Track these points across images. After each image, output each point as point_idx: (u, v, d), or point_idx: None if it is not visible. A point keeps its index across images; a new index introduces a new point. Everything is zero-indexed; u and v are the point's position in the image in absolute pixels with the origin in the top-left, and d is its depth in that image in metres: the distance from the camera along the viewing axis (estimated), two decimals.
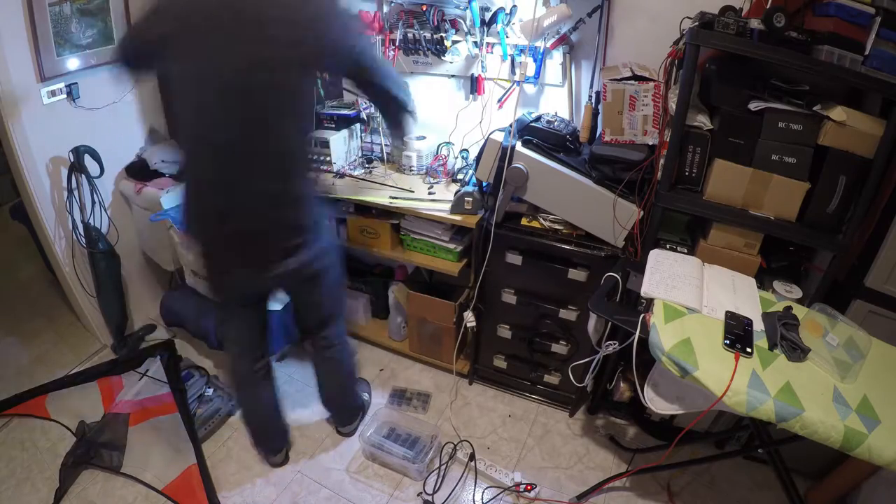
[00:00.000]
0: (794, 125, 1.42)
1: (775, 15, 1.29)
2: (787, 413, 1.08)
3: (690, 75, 1.41)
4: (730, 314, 1.29)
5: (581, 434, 2.01)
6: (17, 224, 2.35)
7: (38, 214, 2.03)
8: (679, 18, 1.55)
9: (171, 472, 1.76)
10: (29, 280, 2.77)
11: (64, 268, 2.16)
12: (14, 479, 1.75)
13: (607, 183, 1.66)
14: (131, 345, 2.30)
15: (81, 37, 1.96)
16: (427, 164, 2.08)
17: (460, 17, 1.90)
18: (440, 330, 2.16)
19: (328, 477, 1.81)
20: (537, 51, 1.85)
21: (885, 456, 1.02)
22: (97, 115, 2.06)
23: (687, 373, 1.16)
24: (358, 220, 2.07)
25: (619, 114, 1.60)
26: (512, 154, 1.69)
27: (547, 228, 1.80)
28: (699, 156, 1.54)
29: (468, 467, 1.83)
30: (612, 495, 1.76)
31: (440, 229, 1.97)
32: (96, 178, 2.04)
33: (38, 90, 1.88)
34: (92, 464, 1.79)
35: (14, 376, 2.16)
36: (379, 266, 2.54)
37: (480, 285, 1.95)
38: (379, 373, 2.30)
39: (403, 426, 1.94)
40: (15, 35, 1.77)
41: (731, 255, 1.60)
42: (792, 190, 1.48)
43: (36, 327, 2.46)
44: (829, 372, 1.18)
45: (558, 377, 2.05)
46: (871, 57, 1.29)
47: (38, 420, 1.95)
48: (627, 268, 1.59)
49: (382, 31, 1.97)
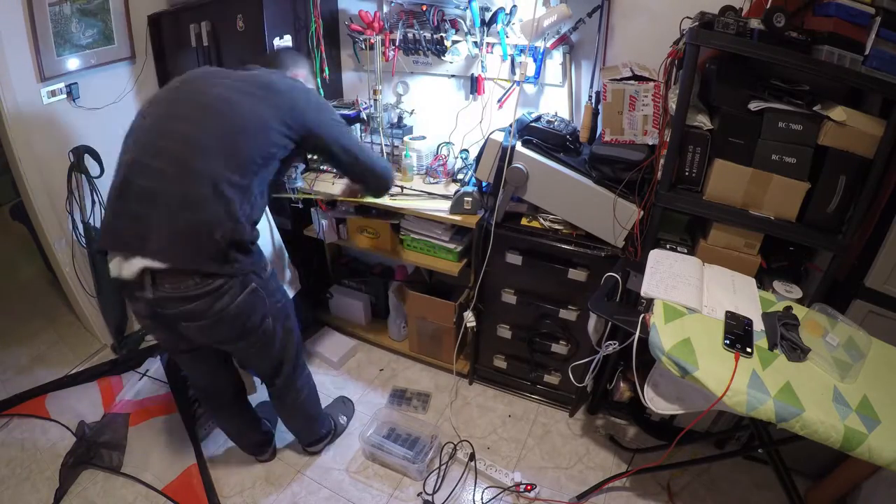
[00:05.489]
0: (794, 125, 1.42)
1: (775, 15, 1.29)
2: (787, 413, 1.08)
3: (690, 75, 1.41)
4: (730, 314, 1.29)
5: (581, 434, 2.01)
6: (17, 224, 2.36)
7: (38, 214, 2.03)
8: (679, 18, 1.54)
9: (171, 472, 1.76)
10: (29, 280, 2.77)
11: (64, 268, 2.16)
12: (14, 479, 1.75)
13: (607, 183, 1.66)
14: (131, 345, 2.30)
15: (81, 37, 1.96)
16: (427, 164, 2.08)
17: (460, 17, 1.90)
18: (440, 330, 2.17)
19: (328, 477, 1.81)
20: (537, 51, 1.85)
21: (885, 456, 1.02)
22: (97, 115, 2.07)
23: (687, 373, 1.16)
24: (358, 220, 2.07)
25: (619, 114, 1.60)
26: (512, 154, 1.69)
27: (547, 228, 1.80)
28: (699, 156, 1.54)
29: (468, 467, 1.83)
30: (612, 495, 1.76)
31: (440, 229, 1.97)
32: (96, 178, 2.04)
33: (38, 90, 1.88)
34: (92, 464, 1.78)
35: (14, 376, 2.16)
36: (379, 266, 2.54)
37: (480, 285, 1.95)
38: (379, 373, 2.30)
39: (403, 426, 1.93)
40: (15, 35, 1.77)
41: (731, 255, 1.60)
42: (792, 190, 1.48)
43: (36, 327, 2.46)
44: (829, 372, 1.18)
45: (558, 377, 2.05)
46: (871, 57, 1.29)
47: (38, 420, 1.95)
48: (627, 268, 1.59)
49: (382, 30, 1.97)
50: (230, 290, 1.26)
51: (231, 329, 1.33)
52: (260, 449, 1.82)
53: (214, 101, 1.25)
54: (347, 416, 2.02)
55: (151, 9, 2.16)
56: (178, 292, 1.22)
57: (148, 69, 2.23)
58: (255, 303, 1.33)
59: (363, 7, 2.02)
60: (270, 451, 1.85)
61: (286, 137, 1.32)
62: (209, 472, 1.77)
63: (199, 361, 1.52)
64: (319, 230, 2.13)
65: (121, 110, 2.15)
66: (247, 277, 1.29)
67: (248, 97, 1.28)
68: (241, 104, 1.26)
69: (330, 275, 2.56)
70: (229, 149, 1.22)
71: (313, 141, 1.40)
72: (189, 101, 1.27)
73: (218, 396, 1.64)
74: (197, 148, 1.20)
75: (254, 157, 1.26)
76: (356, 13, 1.98)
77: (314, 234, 2.18)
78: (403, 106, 2.15)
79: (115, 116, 2.11)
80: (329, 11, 2.12)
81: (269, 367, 1.55)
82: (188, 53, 2.07)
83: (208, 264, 1.21)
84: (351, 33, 2.01)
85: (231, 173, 1.22)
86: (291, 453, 1.88)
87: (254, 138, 1.26)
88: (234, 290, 1.27)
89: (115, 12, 2.04)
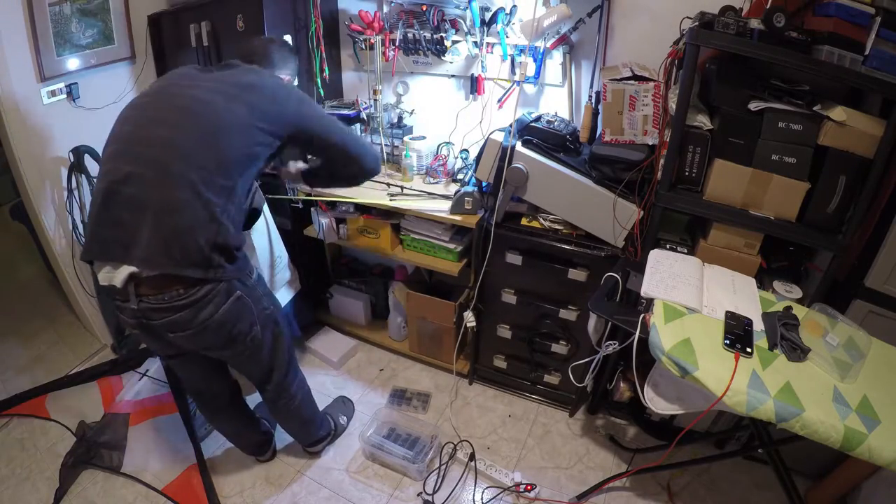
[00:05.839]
0: (794, 125, 1.42)
1: (775, 15, 1.29)
2: (787, 413, 1.08)
3: (690, 75, 1.41)
4: (730, 314, 1.29)
5: (581, 434, 2.01)
6: (17, 224, 2.36)
7: (38, 214, 2.03)
8: (679, 18, 1.54)
9: (171, 472, 1.76)
10: (29, 280, 2.77)
11: (64, 268, 2.16)
12: (14, 479, 1.75)
13: (607, 183, 1.66)
14: (131, 345, 2.30)
15: (81, 37, 1.96)
16: (427, 164, 2.08)
17: (460, 17, 1.90)
18: (440, 330, 2.17)
19: (328, 477, 1.81)
20: (537, 51, 1.85)
21: (885, 456, 1.02)
22: (97, 115, 2.07)
23: (687, 373, 1.16)
24: (358, 220, 2.07)
25: (619, 114, 1.60)
26: (512, 154, 1.69)
27: (547, 228, 1.80)
28: (699, 156, 1.54)
29: (468, 467, 1.83)
30: (612, 495, 1.76)
31: (440, 229, 1.97)
32: (96, 178, 2.04)
33: (38, 90, 1.88)
34: (92, 464, 1.78)
35: (14, 376, 2.16)
36: (379, 266, 2.54)
37: (480, 285, 1.95)
38: (379, 373, 2.30)
39: (403, 426, 1.93)
40: (15, 35, 1.77)
41: (731, 255, 1.60)
42: (792, 190, 1.48)
43: (36, 327, 2.46)
44: (829, 372, 1.18)
45: (558, 377, 2.05)
46: (871, 57, 1.29)
47: (38, 420, 1.95)
48: (627, 268, 1.59)
49: (382, 30, 1.97)
50: (214, 299, 1.25)
51: (217, 337, 1.32)
52: (259, 449, 1.82)
53: (192, 103, 1.23)
54: (347, 417, 2.02)
55: (151, 9, 2.16)
56: (162, 303, 1.21)
57: (148, 69, 2.23)
58: (240, 310, 1.32)
59: (363, 7, 2.02)
60: (270, 451, 1.85)
61: (269, 135, 1.30)
62: (209, 472, 1.77)
63: (193, 365, 1.51)
64: (319, 230, 2.13)
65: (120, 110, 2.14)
66: (231, 284, 1.27)
67: (225, 97, 1.25)
68: (218, 104, 1.24)
69: (330, 275, 2.56)
70: (210, 150, 1.21)
71: (303, 137, 1.39)
72: (167, 106, 1.25)
73: (214, 399, 1.63)
74: (176, 152, 1.18)
75: (236, 157, 1.25)
76: (356, 13, 1.98)
77: (314, 234, 2.18)
78: (403, 106, 2.15)
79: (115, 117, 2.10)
80: (329, 11, 2.12)
81: (260, 374, 1.54)
82: (188, 53, 2.07)
83: (193, 270, 1.19)
84: (351, 33, 2.01)
85: (213, 175, 1.20)
86: (291, 453, 1.88)
87: (234, 138, 1.24)
88: (219, 299, 1.25)
89: (115, 12, 2.04)
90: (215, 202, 1.20)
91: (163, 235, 1.16)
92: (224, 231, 1.22)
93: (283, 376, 1.58)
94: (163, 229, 1.16)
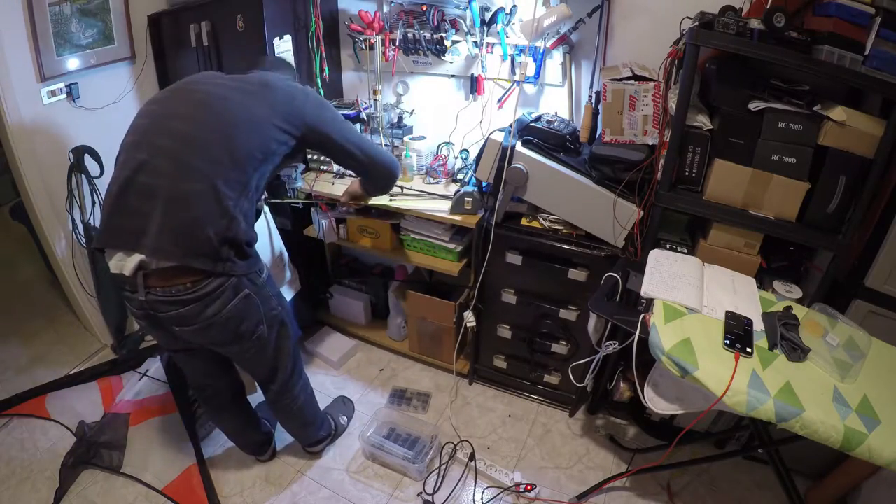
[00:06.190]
0: (794, 125, 1.42)
1: (775, 15, 1.29)
2: (787, 413, 1.08)
3: (690, 75, 1.41)
4: (730, 314, 1.29)
5: (581, 434, 2.01)
6: (17, 224, 2.36)
7: (38, 214, 2.03)
8: (679, 18, 1.54)
9: (171, 472, 1.76)
10: (29, 280, 2.77)
11: (64, 268, 2.16)
12: (14, 479, 1.75)
13: (607, 183, 1.66)
14: (131, 345, 2.30)
15: (81, 37, 1.96)
16: (427, 164, 2.08)
17: (460, 17, 1.90)
18: (440, 330, 2.17)
19: (328, 477, 1.81)
20: (537, 51, 1.85)
21: (885, 456, 1.02)
22: (97, 115, 2.07)
23: (687, 373, 1.16)
24: (358, 220, 2.07)
25: (619, 114, 1.60)
26: (512, 154, 1.69)
27: (547, 228, 1.80)
28: (699, 156, 1.54)
29: (468, 467, 1.83)
30: (612, 495, 1.76)
31: (440, 229, 1.97)
32: (96, 178, 2.04)
33: (38, 90, 1.88)
34: (92, 464, 1.78)
35: (14, 376, 2.16)
36: (379, 266, 2.54)
37: (480, 285, 1.95)
38: (379, 373, 2.30)
39: (403, 426, 1.93)
40: (15, 35, 1.77)
41: (731, 255, 1.60)
42: (792, 190, 1.48)
43: (36, 327, 2.46)
44: (829, 372, 1.18)
45: (558, 377, 2.05)
46: (871, 57, 1.29)
47: (38, 420, 1.95)
48: (627, 268, 1.59)
49: (382, 30, 1.97)
50: (222, 295, 1.25)
51: (223, 333, 1.32)
52: (260, 449, 1.82)
53: (211, 99, 1.26)
54: (347, 417, 2.02)
55: (151, 9, 2.16)
56: (169, 296, 1.21)
57: (148, 69, 2.23)
58: (247, 308, 1.32)
59: (363, 7, 2.02)
60: (270, 451, 1.85)
61: (286, 133, 1.33)
62: (209, 472, 1.77)
63: (198, 360, 1.52)
64: (319, 230, 2.13)
65: (121, 110, 2.14)
66: (240, 282, 1.28)
67: (244, 94, 1.29)
68: (237, 101, 1.27)
69: (330, 275, 2.56)
70: (225, 144, 1.22)
71: (317, 138, 1.41)
72: (186, 100, 1.28)
73: (217, 396, 1.63)
74: (194, 145, 1.21)
75: (252, 153, 1.27)
76: (356, 13, 1.98)
77: (314, 234, 2.18)
78: (403, 106, 2.15)
79: (115, 116, 2.11)
80: (329, 11, 2.12)
81: (264, 373, 1.55)
82: (188, 53, 2.07)
83: (201, 261, 1.20)
84: (351, 33, 2.02)
85: (228, 169, 1.22)
86: (291, 453, 1.88)
87: (251, 134, 1.26)
88: (227, 295, 1.26)
89: (115, 12, 2.03)
90: (228, 195, 1.22)
91: (173, 225, 1.17)
92: (235, 225, 1.23)
93: (287, 377, 1.58)
94: (173, 219, 1.17)
